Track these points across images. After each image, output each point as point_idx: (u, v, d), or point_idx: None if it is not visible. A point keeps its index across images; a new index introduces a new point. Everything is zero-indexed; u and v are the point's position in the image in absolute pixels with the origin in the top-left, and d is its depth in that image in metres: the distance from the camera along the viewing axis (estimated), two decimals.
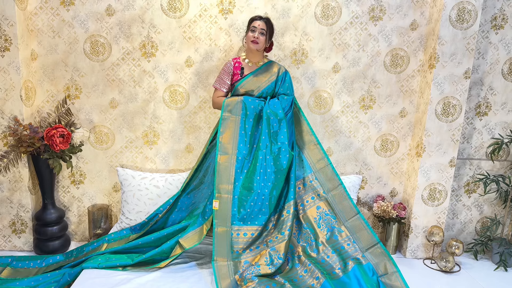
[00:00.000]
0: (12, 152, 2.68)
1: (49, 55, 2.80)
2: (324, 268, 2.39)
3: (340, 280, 2.31)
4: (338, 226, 2.54)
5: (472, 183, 3.16)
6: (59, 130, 2.65)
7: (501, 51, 2.97)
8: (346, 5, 2.86)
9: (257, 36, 2.53)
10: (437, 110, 2.86)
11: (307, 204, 2.62)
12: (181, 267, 2.46)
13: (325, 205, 2.59)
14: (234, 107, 2.54)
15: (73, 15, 2.75)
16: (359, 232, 2.51)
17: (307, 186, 2.65)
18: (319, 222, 2.57)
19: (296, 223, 2.60)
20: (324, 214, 2.58)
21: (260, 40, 2.54)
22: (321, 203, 2.60)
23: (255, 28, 2.53)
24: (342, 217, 2.56)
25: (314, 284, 2.26)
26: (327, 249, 2.49)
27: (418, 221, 3.01)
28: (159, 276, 2.33)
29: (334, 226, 2.55)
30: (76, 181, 3.00)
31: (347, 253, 2.46)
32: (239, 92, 2.63)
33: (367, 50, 2.95)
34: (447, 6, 2.70)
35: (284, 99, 2.63)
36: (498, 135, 3.08)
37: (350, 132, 3.08)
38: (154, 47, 2.85)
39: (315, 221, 2.58)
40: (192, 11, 2.81)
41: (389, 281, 2.35)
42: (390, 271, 2.38)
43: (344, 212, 2.56)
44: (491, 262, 3.04)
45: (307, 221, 2.59)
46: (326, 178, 2.63)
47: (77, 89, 2.87)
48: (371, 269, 2.39)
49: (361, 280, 2.30)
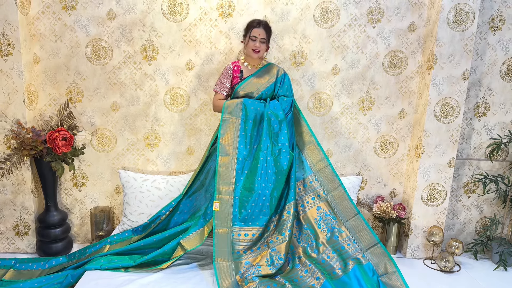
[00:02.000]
0: (15, 155, 2.71)
1: (51, 59, 2.83)
2: (324, 268, 2.41)
3: (341, 280, 2.33)
4: (339, 227, 2.56)
5: (472, 183, 3.18)
6: (61, 133, 2.68)
7: (499, 52, 2.99)
8: (344, 7, 2.89)
9: (258, 45, 2.57)
10: (436, 111, 2.88)
11: (307, 205, 2.64)
12: (183, 268, 2.48)
13: (325, 205, 2.61)
14: (234, 109, 2.57)
15: (75, 20, 2.79)
16: (359, 232, 2.53)
17: (307, 187, 2.67)
18: (319, 222, 2.59)
19: (296, 224, 2.62)
20: (325, 214, 2.60)
21: (262, 48, 2.60)
22: (321, 204, 2.62)
23: (256, 38, 2.56)
24: (342, 218, 2.58)
25: (315, 284, 2.28)
26: (327, 249, 2.51)
27: (418, 222, 3.02)
28: (161, 277, 2.35)
29: (334, 226, 2.57)
30: (79, 184, 3.03)
31: (348, 253, 2.48)
32: (238, 95, 2.66)
33: (366, 52, 2.97)
34: (445, 8, 2.73)
35: (284, 101, 2.65)
36: (497, 136, 3.10)
37: (350, 133, 3.10)
38: (155, 50, 2.88)
39: (316, 221, 2.60)
40: (192, 15, 2.84)
41: (389, 280, 2.37)
42: (390, 271, 2.40)
43: (344, 213, 2.58)
44: (491, 262, 3.05)
45: (308, 221, 2.61)
46: (326, 179, 2.65)
47: (79, 93, 2.90)
48: (371, 269, 2.41)
49: (361, 280, 2.32)
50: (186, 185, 2.75)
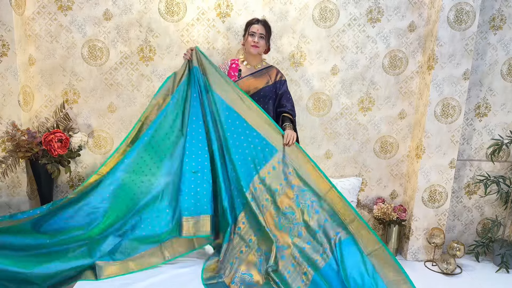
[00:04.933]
0: (10, 157, 2.68)
1: (47, 60, 2.80)
2: (309, 257, 2.33)
3: (325, 269, 2.28)
4: (318, 201, 2.44)
5: (473, 185, 3.15)
6: (57, 135, 2.64)
7: (500, 51, 2.96)
8: (343, 7, 2.86)
9: (257, 40, 2.54)
10: (437, 111, 2.85)
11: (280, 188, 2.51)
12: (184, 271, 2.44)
13: (298, 181, 2.47)
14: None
15: (71, 20, 2.75)
16: (336, 205, 2.41)
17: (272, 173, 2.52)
18: (297, 200, 2.46)
19: (275, 210, 2.48)
20: (300, 190, 2.47)
21: (260, 44, 2.56)
22: (295, 181, 2.47)
23: (254, 33, 2.54)
24: (318, 192, 2.45)
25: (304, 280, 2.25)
26: (310, 228, 2.40)
27: (419, 223, 2.99)
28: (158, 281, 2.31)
29: (313, 201, 2.44)
30: (75, 186, 2.99)
31: (330, 226, 2.38)
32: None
33: (365, 52, 2.94)
34: (445, 7, 2.70)
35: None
36: (498, 136, 3.07)
37: (350, 134, 3.07)
38: (152, 51, 2.85)
39: (293, 200, 2.47)
40: (189, 15, 2.80)
41: (376, 257, 2.29)
42: (375, 247, 2.31)
43: (317, 187, 2.46)
44: (492, 264, 3.02)
45: (286, 204, 2.48)
46: (295, 157, 2.50)
47: (75, 94, 2.86)
48: (354, 243, 2.33)
49: (345, 258, 2.28)
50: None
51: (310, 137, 3.04)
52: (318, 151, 3.06)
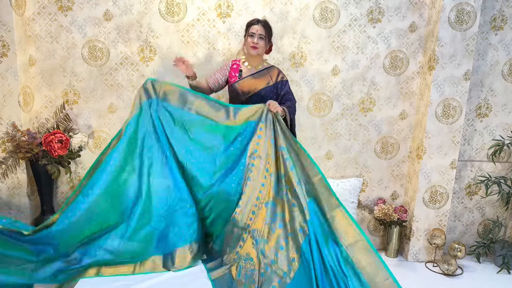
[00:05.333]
0: (11, 158, 2.67)
1: (47, 60, 2.79)
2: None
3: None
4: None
5: (474, 185, 3.14)
6: (57, 135, 2.64)
7: (501, 52, 2.95)
8: (344, 7, 2.86)
9: (256, 41, 2.52)
10: (437, 112, 2.84)
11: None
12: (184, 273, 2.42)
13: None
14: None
15: (71, 20, 2.75)
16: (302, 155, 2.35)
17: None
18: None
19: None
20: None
21: (260, 45, 2.54)
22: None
23: (254, 34, 2.52)
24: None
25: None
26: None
27: (420, 224, 2.98)
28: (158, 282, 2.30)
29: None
30: (75, 186, 2.98)
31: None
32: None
33: (366, 52, 2.94)
34: (446, 8, 2.69)
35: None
36: (499, 137, 3.06)
37: (350, 134, 3.06)
38: (152, 51, 2.84)
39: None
40: (190, 15, 2.80)
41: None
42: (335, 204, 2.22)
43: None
44: (494, 264, 3.01)
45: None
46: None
47: (76, 94, 2.86)
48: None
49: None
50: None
51: (310, 138, 3.04)
52: (318, 152, 3.05)
